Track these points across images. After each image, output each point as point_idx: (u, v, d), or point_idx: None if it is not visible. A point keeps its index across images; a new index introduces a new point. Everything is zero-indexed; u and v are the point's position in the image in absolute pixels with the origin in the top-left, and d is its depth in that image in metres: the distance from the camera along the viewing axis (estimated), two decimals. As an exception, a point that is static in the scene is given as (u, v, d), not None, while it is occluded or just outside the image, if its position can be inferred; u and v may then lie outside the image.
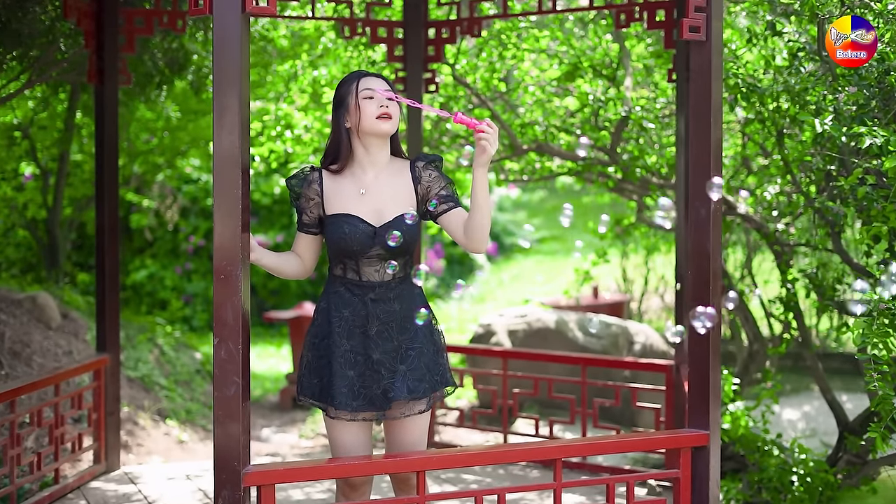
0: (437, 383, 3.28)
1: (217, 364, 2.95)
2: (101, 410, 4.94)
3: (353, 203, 3.25)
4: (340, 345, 3.22)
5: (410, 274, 3.31)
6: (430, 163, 3.32)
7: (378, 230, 3.21)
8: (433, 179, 3.30)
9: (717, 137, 3.45)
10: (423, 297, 3.36)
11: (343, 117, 3.27)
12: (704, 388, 3.47)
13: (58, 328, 6.53)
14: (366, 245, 3.21)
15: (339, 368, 3.21)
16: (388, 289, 3.25)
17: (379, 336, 3.23)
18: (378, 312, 3.23)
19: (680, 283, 4.83)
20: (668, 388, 4.84)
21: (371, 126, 3.21)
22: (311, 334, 3.33)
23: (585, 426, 5.08)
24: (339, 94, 3.28)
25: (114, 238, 4.95)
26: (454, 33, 5.28)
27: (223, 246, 2.94)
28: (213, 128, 2.95)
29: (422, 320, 3.20)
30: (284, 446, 6.58)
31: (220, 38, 2.92)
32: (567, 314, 7.02)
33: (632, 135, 5.64)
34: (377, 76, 3.30)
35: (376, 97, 3.22)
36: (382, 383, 3.21)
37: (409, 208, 3.27)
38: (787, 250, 5.55)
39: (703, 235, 3.45)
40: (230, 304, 2.93)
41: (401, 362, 3.22)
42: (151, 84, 5.97)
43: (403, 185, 3.29)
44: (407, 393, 3.19)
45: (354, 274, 3.26)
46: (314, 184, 3.29)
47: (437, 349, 3.31)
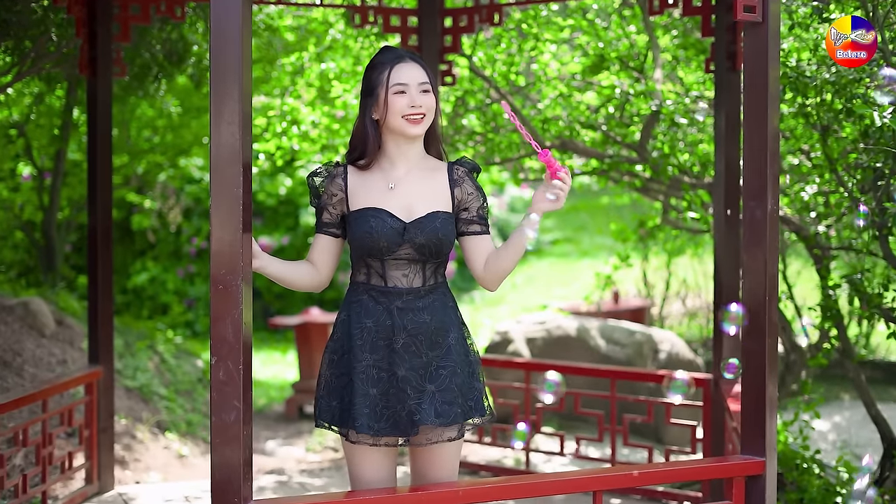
0: (470, 410, 2.88)
1: (215, 386, 2.59)
2: (94, 427, 4.59)
3: (381, 198, 2.88)
4: (362, 359, 2.84)
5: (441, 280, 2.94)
6: (472, 171, 2.95)
7: (408, 226, 2.84)
8: (473, 193, 2.93)
9: (773, 129, 3.09)
10: (457, 310, 2.98)
11: (371, 107, 2.88)
12: (760, 410, 3.11)
13: (52, 336, 6.19)
14: (394, 242, 2.83)
15: (361, 385, 2.82)
16: (418, 297, 2.87)
17: (405, 350, 2.84)
18: (405, 323, 2.84)
19: (716, 288, 4.46)
20: (706, 404, 4.47)
21: (398, 126, 2.85)
22: (329, 350, 2.95)
23: (615, 444, 4.71)
24: (369, 81, 2.89)
25: (107, 241, 4.59)
26: (472, 22, 4.92)
27: (221, 252, 2.58)
28: (211, 118, 2.59)
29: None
30: (290, 461, 6.22)
31: (217, 18, 2.57)
32: (588, 321, 6.65)
33: (662, 131, 5.28)
34: (414, 60, 2.89)
35: (409, 93, 2.84)
36: (408, 404, 2.81)
37: (442, 206, 2.89)
38: (827, 254, 5.19)
39: (758, 240, 3.09)
40: (230, 318, 2.57)
41: (430, 381, 2.83)
42: (149, 77, 5.61)
43: (439, 185, 2.91)
44: (434, 417, 2.80)
45: (379, 279, 2.88)
46: (338, 178, 2.92)
47: (471, 371, 2.92)
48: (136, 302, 10.62)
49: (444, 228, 2.86)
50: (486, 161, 5.76)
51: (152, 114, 8.36)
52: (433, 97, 2.88)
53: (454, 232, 2.91)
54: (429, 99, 2.86)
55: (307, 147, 6.04)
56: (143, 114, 8.38)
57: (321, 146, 6.05)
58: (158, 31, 5.32)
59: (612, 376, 4.74)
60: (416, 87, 2.84)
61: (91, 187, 4.59)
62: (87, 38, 4.49)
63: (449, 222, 2.88)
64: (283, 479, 5.26)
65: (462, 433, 2.87)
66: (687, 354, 6.59)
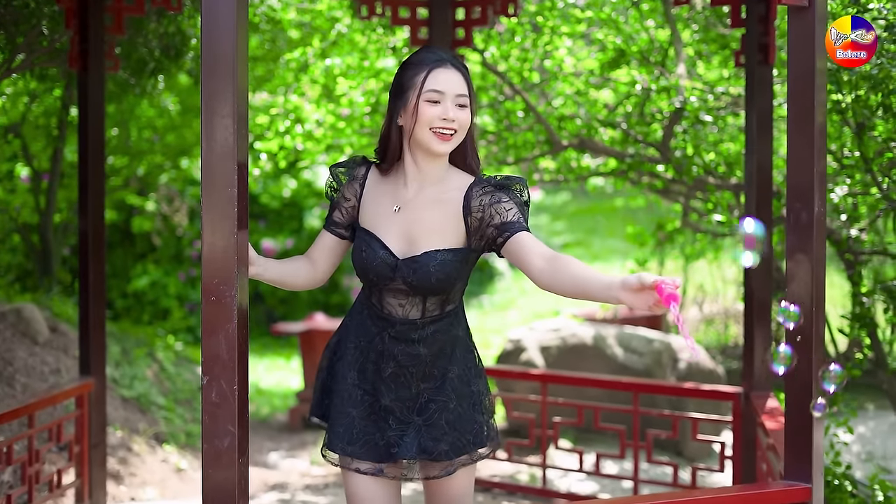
0: (467, 444, 2.61)
1: (206, 408, 2.32)
2: (85, 442, 4.32)
3: (384, 220, 2.58)
4: (348, 376, 2.62)
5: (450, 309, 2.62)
6: (488, 187, 2.54)
7: (400, 264, 2.54)
8: (487, 208, 2.51)
9: (820, 123, 2.83)
10: (466, 339, 2.68)
11: (398, 111, 2.56)
12: (805, 431, 2.84)
13: (45, 343, 5.92)
14: (384, 276, 2.56)
15: (340, 404, 2.61)
16: (413, 328, 2.58)
17: (393, 380, 2.59)
18: (396, 353, 2.58)
19: (747, 297, 4.19)
20: (735, 419, 4.19)
21: (423, 139, 2.52)
22: (329, 348, 2.76)
23: (637, 460, 4.43)
24: (401, 82, 2.56)
25: (99, 245, 4.33)
26: (486, 14, 4.65)
27: (214, 259, 2.31)
28: (202, 111, 2.32)
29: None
30: (294, 474, 5.94)
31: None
32: (605, 328, 6.37)
33: (686, 129, 5.00)
34: (456, 67, 2.54)
35: (444, 104, 2.50)
36: (387, 434, 2.57)
37: (449, 243, 2.54)
38: (859, 259, 4.92)
39: (804, 245, 2.82)
40: (223, 333, 2.30)
41: (418, 413, 2.58)
42: (145, 73, 5.35)
43: (450, 214, 2.55)
44: (416, 452, 2.54)
45: (377, 301, 2.62)
46: (356, 183, 2.64)
47: (473, 403, 2.64)
48: (137, 306, 10.36)
49: (440, 271, 2.51)
50: (500, 161, 5.48)
51: (152, 113, 8.10)
52: (469, 113, 2.55)
53: (459, 270, 2.56)
54: (464, 115, 2.53)
55: (311, 147, 5.77)
56: (143, 114, 8.12)
57: (326, 146, 5.78)
58: (155, 24, 5.05)
59: (634, 389, 4.46)
60: (452, 99, 2.51)
61: (82, 189, 4.33)
62: (78, 30, 4.23)
63: (450, 263, 2.52)
64: (285, 498, 5.00)
65: (449, 472, 2.59)
66: (707, 363, 6.30)
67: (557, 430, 4.70)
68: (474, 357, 2.70)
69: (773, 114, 4.09)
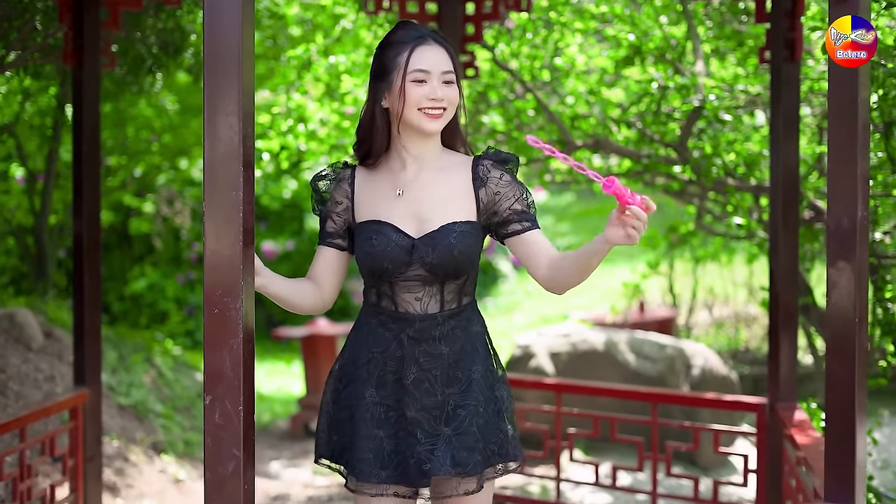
0: (493, 455, 2.42)
1: (209, 431, 2.14)
2: (79, 455, 4.13)
3: (388, 207, 2.43)
4: (367, 394, 2.42)
5: (467, 301, 2.47)
6: (500, 162, 2.46)
7: (417, 243, 2.38)
8: (504, 185, 2.43)
9: (864, 120, 2.65)
10: (484, 336, 2.52)
11: (382, 94, 2.42)
12: (848, 449, 2.66)
13: (39, 349, 5.73)
14: (400, 262, 2.38)
15: (364, 426, 2.40)
16: (434, 324, 2.41)
17: (416, 387, 2.40)
18: (417, 355, 2.40)
19: (772, 304, 4.01)
20: (760, 431, 4.01)
21: (413, 119, 2.39)
22: (333, 377, 2.53)
23: (656, 474, 4.25)
24: (382, 62, 2.42)
25: (95, 250, 4.14)
26: (497, 8, 4.47)
27: (217, 268, 2.13)
28: (204, 108, 2.14)
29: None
30: (296, 485, 5.76)
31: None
32: (616, 333, 6.19)
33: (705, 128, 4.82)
34: (438, 42, 2.43)
35: (430, 82, 2.38)
36: (417, 450, 2.37)
37: (462, 216, 2.41)
38: (883, 263, 4.74)
39: (847, 252, 2.64)
40: (227, 349, 2.12)
41: (445, 423, 2.39)
42: (143, 70, 5.16)
43: (458, 187, 2.43)
44: (451, 466, 2.34)
45: (389, 302, 2.44)
46: (344, 183, 2.48)
47: (497, 410, 2.46)
48: (134, 309, 10.17)
49: (461, 243, 2.38)
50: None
51: (150, 112, 7.91)
52: (457, 89, 2.43)
53: (478, 245, 2.44)
54: (452, 91, 2.41)
55: (315, 147, 5.57)
56: (140, 113, 7.93)
57: (330, 146, 5.58)
58: (153, 20, 4.86)
59: (653, 400, 4.27)
60: (438, 77, 2.39)
61: (77, 190, 4.13)
62: (73, 25, 4.04)
63: (469, 235, 2.40)
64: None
65: (481, 485, 2.41)
66: (721, 370, 6.13)
67: (572, 442, 4.52)
68: (495, 359, 2.54)
69: (799, 111, 3.91)
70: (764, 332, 7.99)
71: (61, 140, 7.05)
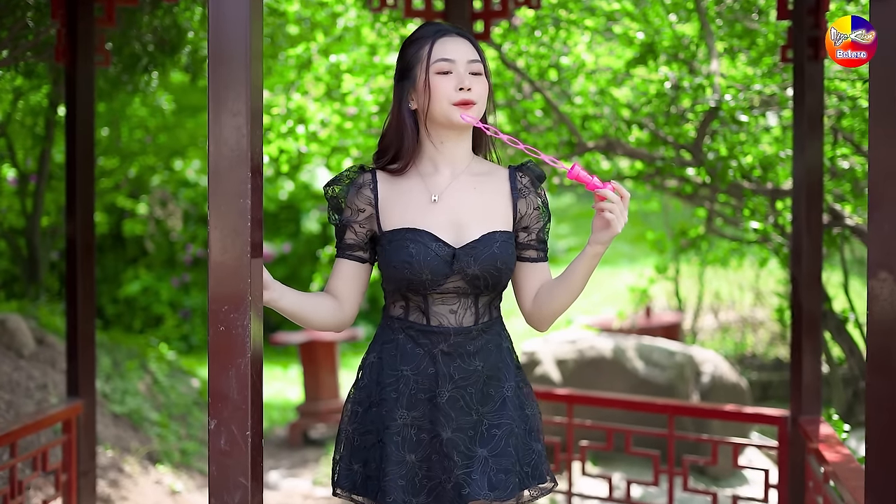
0: (527, 477, 2.28)
1: (214, 458, 1.97)
2: (73, 470, 3.96)
3: (422, 214, 2.26)
4: (398, 416, 2.25)
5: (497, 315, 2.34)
6: (538, 179, 2.35)
7: (458, 253, 2.23)
8: (538, 210, 2.35)
9: (908, 122, 2.49)
10: (513, 352, 2.38)
11: (408, 94, 2.28)
12: (892, 472, 2.51)
13: (31, 356, 5.56)
14: (440, 274, 2.22)
15: (396, 450, 2.23)
16: (468, 338, 2.26)
17: (452, 405, 2.24)
18: (452, 372, 2.25)
19: (794, 312, 3.86)
20: (782, 445, 3.85)
21: (443, 113, 2.24)
22: (352, 400, 2.35)
23: (672, 489, 4.09)
24: (405, 61, 2.30)
25: (89, 254, 3.97)
26: (506, 5, 4.30)
27: (223, 282, 1.96)
28: (209, 108, 1.97)
29: None
30: (295, 496, 5.59)
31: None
32: (624, 340, 6.03)
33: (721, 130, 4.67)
34: (460, 35, 2.29)
35: (456, 72, 2.24)
36: (455, 474, 2.21)
37: (500, 225, 2.28)
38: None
39: (888, 260, 2.48)
40: (234, 369, 1.96)
41: (481, 444, 2.23)
42: (138, 68, 4.99)
43: (497, 195, 2.31)
44: (488, 490, 2.19)
45: (420, 315, 2.28)
46: (365, 189, 2.30)
47: (528, 428, 2.32)
48: (128, 313, 10.00)
49: (503, 254, 2.26)
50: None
51: (145, 112, 7.74)
52: (485, 82, 2.28)
53: (514, 256, 2.31)
54: (480, 84, 2.26)
55: (315, 149, 5.41)
56: (135, 113, 7.76)
57: (331, 148, 5.42)
58: (148, 16, 4.69)
59: (669, 412, 4.11)
60: (464, 66, 2.25)
61: (70, 191, 3.97)
62: (66, 22, 3.88)
63: (509, 245, 2.28)
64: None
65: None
66: (731, 377, 5.97)
67: (584, 455, 4.36)
68: (523, 374, 2.41)
69: (822, 112, 3.76)
70: (770, 336, 7.85)
71: (54, 140, 6.88)
